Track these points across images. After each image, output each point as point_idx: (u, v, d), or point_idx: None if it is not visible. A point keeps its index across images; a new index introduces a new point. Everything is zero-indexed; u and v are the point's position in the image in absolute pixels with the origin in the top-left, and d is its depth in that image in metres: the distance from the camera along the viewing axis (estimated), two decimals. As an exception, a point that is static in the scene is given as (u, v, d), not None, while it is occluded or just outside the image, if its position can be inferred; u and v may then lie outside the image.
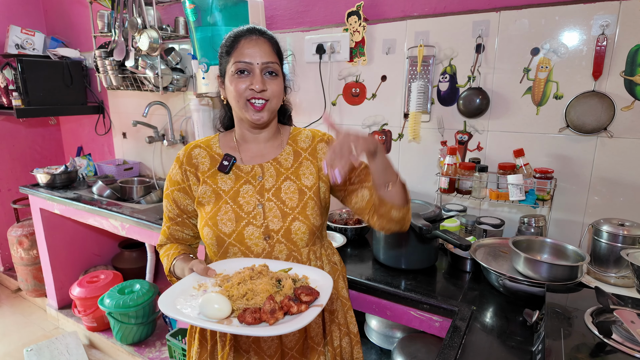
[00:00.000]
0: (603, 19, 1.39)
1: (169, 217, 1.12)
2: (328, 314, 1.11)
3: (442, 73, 1.72)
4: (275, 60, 0.99)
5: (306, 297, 0.84)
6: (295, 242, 1.03)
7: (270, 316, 0.80)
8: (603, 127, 1.43)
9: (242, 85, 0.97)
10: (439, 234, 1.33)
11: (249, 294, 0.85)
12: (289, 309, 0.82)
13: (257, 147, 1.09)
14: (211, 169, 1.07)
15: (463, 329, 1.08)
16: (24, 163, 3.42)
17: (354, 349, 1.19)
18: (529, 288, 1.19)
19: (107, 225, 2.27)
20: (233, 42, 0.99)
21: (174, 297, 0.87)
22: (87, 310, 2.51)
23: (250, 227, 1.01)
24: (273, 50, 1.00)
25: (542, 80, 1.52)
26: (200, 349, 1.10)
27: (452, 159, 1.62)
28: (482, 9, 1.58)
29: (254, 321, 0.80)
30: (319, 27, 1.98)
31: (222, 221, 1.01)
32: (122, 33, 2.34)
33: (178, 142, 2.69)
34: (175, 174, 1.09)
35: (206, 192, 1.05)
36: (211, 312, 0.81)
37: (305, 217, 1.02)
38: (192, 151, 1.10)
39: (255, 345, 1.04)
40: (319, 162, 1.08)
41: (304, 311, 0.82)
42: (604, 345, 0.86)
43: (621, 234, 1.28)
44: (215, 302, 0.82)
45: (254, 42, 0.97)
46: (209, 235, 1.02)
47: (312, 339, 1.06)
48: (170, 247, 1.11)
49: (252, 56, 0.96)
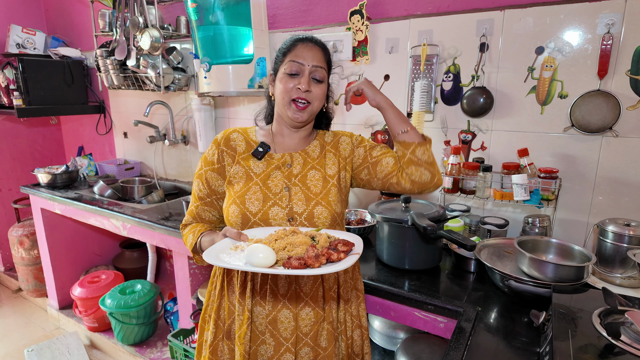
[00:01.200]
0: (608, 18, 1.37)
1: (199, 196, 1.16)
2: (343, 303, 1.15)
3: (445, 72, 1.71)
4: (324, 67, 1.09)
5: (343, 247, 0.90)
6: (317, 226, 1.07)
7: (315, 260, 0.85)
8: (608, 127, 1.42)
9: (290, 84, 1.06)
10: (444, 234, 1.32)
11: (288, 247, 0.91)
12: (329, 256, 0.88)
13: (291, 142, 1.17)
14: (246, 152, 1.14)
15: (468, 330, 1.07)
16: (25, 163, 3.41)
17: (364, 342, 1.22)
18: (535, 289, 1.18)
19: (108, 225, 2.26)
20: (290, 45, 1.08)
21: (216, 252, 0.92)
22: (88, 310, 2.50)
23: (276, 207, 1.06)
24: (324, 58, 1.10)
25: (547, 80, 1.51)
26: (215, 329, 1.15)
27: (455, 158, 1.61)
28: (486, 8, 1.57)
29: (300, 266, 0.85)
30: (321, 26, 1.97)
31: (250, 200, 1.07)
32: (124, 32, 2.33)
33: (179, 142, 2.68)
34: (211, 155, 1.15)
35: (238, 172, 1.11)
36: (257, 260, 0.85)
37: (328, 202, 1.08)
38: (230, 134, 1.16)
39: (271, 327, 1.07)
40: (342, 152, 1.17)
41: (342, 259, 0.88)
42: (612, 346, 0.85)
43: (627, 234, 1.27)
44: (260, 251, 0.86)
45: (309, 47, 1.07)
46: (235, 213, 1.07)
47: (330, 324, 1.10)
48: (196, 225, 1.16)
49: (304, 58, 1.06)
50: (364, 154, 1.15)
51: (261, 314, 1.08)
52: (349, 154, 1.16)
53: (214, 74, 2.00)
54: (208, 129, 2.47)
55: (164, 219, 2.00)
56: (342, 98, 2.00)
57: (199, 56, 2.03)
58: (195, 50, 2.04)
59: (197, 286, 2.08)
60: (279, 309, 1.07)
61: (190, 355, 2.00)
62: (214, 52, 1.97)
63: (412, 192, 1.12)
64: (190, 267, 2.02)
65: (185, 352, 2.02)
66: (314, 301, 1.09)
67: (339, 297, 1.14)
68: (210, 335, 1.15)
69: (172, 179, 2.86)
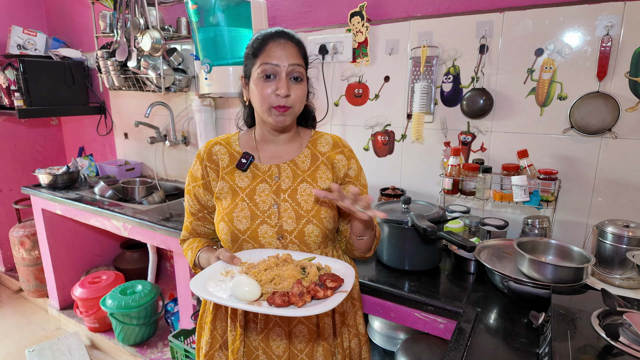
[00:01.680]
0: (608, 20, 1.38)
1: (191, 212, 1.15)
2: (339, 316, 1.12)
3: (445, 74, 1.71)
4: (301, 63, 1.00)
5: (331, 283, 0.87)
6: (308, 244, 1.04)
7: (298, 299, 0.83)
8: (607, 128, 1.43)
9: (268, 90, 0.98)
10: (444, 235, 1.32)
11: (276, 279, 0.89)
12: (315, 293, 0.85)
13: (276, 148, 1.11)
14: (229, 166, 1.09)
15: (468, 331, 1.08)
16: (26, 163, 3.41)
17: (362, 349, 1.20)
18: (534, 290, 1.18)
19: (109, 226, 2.26)
20: (261, 45, 0.99)
21: (204, 281, 0.91)
22: (89, 310, 2.50)
23: (265, 225, 1.03)
24: (300, 54, 1.01)
25: (546, 81, 1.52)
26: (211, 339, 1.13)
27: (455, 159, 1.62)
28: (486, 10, 1.58)
29: (283, 303, 0.83)
30: (321, 27, 1.98)
31: (238, 218, 1.03)
32: (125, 33, 2.34)
33: (180, 143, 2.69)
34: (196, 170, 1.12)
35: (223, 188, 1.08)
36: (242, 294, 0.85)
37: (319, 220, 1.04)
38: (212, 148, 1.12)
39: (264, 344, 1.05)
40: (336, 172, 1.10)
41: (329, 296, 0.85)
42: (611, 347, 0.86)
43: (626, 235, 1.28)
44: (245, 284, 0.86)
45: (281, 45, 0.98)
46: (224, 231, 1.05)
47: (325, 340, 1.07)
48: (194, 241, 1.15)
49: (279, 58, 0.97)
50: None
51: (254, 330, 1.06)
52: (342, 177, 1.11)
53: (215, 75, 2.00)
54: (209, 130, 2.47)
55: (165, 220, 2.01)
56: (342, 99, 2.00)
57: (199, 57, 2.03)
58: (196, 51, 2.04)
59: (197, 287, 2.08)
60: (270, 326, 1.05)
61: (190, 355, 2.01)
62: (215, 54, 1.97)
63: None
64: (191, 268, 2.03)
65: (185, 353, 2.02)
66: (307, 319, 1.06)
67: (333, 313, 1.11)
68: (205, 344, 1.14)
69: (172, 180, 2.86)
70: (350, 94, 1.98)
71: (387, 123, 1.91)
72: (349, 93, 1.98)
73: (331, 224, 1.07)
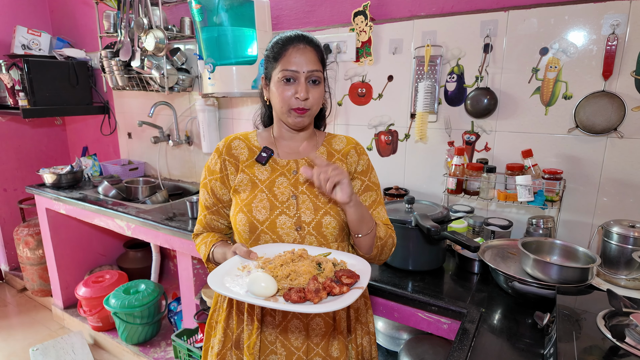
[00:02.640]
0: (613, 19, 1.37)
1: (206, 205, 1.16)
2: (353, 312, 1.14)
3: (449, 73, 1.71)
4: (319, 69, 1.04)
5: (347, 280, 0.88)
6: (326, 236, 1.06)
7: (314, 295, 0.84)
8: (613, 128, 1.42)
9: (288, 92, 1.02)
10: (448, 235, 1.32)
11: (292, 275, 0.90)
12: (331, 289, 0.86)
13: (294, 144, 1.14)
14: (249, 160, 1.12)
15: (472, 332, 1.07)
16: (30, 163, 3.43)
17: (372, 347, 1.21)
18: (539, 290, 1.17)
19: (112, 226, 2.27)
20: (281, 49, 1.03)
21: (221, 276, 0.92)
22: (93, 310, 2.51)
23: (283, 216, 1.05)
24: (318, 58, 1.05)
25: (551, 80, 1.51)
26: (224, 338, 1.14)
27: (459, 159, 1.61)
28: (490, 9, 1.57)
29: (299, 299, 0.84)
30: (325, 27, 1.98)
31: (257, 208, 1.05)
32: (128, 33, 2.35)
33: (183, 143, 2.69)
34: (214, 164, 1.13)
35: (243, 180, 1.10)
36: (258, 289, 0.86)
37: (336, 212, 1.06)
38: (232, 142, 1.15)
39: (282, 337, 1.06)
40: (348, 167, 1.13)
41: (345, 292, 0.86)
42: (617, 348, 0.85)
43: (632, 235, 1.27)
44: (262, 280, 0.86)
45: (301, 50, 1.02)
46: (242, 222, 1.06)
47: (340, 334, 1.09)
48: (207, 235, 1.16)
49: (298, 65, 1.01)
50: (357, 188, 1.13)
51: (271, 324, 1.07)
52: (352, 172, 1.14)
53: (218, 74, 2.00)
54: (212, 130, 2.48)
55: (168, 219, 2.01)
56: (345, 99, 2.00)
57: (203, 57, 2.03)
58: (200, 51, 2.04)
59: (200, 286, 2.08)
60: (289, 319, 1.06)
61: (193, 355, 2.01)
62: (218, 53, 1.97)
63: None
64: (194, 267, 2.03)
65: (188, 352, 2.02)
66: (325, 312, 1.07)
67: (348, 308, 1.13)
68: (217, 343, 1.14)
69: (175, 180, 2.87)
70: (354, 93, 1.97)
71: (390, 123, 1.90)
72: (352, 92, 1.98)
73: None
